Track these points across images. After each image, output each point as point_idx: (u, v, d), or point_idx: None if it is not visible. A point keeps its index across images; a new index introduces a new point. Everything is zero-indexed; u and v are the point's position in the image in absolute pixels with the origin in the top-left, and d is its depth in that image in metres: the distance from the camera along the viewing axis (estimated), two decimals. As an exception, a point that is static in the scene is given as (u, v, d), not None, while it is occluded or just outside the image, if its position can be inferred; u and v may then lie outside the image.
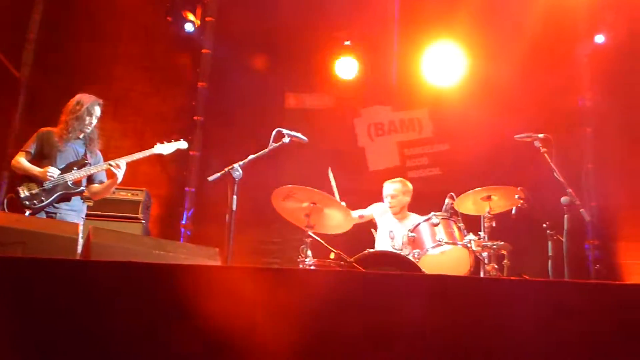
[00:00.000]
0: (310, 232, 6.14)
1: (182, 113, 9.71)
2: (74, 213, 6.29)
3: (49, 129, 6.42)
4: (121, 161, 6.35)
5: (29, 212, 6.05)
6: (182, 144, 6.94)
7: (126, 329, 3.20)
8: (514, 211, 6.64)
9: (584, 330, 3.27)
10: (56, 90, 8.32)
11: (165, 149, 6.81)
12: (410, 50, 9.99)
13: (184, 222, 9.70)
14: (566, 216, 6.19)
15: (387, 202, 7.55)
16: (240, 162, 5.97)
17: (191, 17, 9.91)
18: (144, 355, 3.18)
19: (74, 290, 3.26)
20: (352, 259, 5.76)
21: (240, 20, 9.49)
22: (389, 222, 7.50)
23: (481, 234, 6.52)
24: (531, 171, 7.28)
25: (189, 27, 9.95)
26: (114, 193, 8.19)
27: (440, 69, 9.77)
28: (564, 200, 6.18)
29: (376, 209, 7.65)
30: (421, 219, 6.70)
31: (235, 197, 5.82)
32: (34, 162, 6.27)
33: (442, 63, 9.75)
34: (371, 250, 7.10)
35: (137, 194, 8.35)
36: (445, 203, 6.78)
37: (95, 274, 3.37)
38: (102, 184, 6.54)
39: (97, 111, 6.51)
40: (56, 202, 6.20)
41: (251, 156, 6.13)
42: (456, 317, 3.31)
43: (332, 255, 5.94)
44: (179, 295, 3.27)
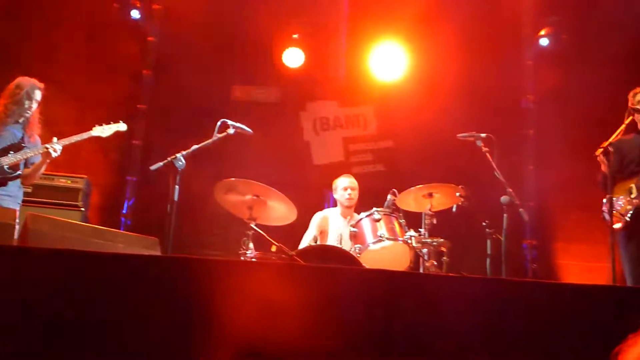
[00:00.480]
0: (253, 225, 6.12)
1: (125, 101, 9.56)
2: (9, 198, 6.15)
3: (-14, 113, 6.28)
4: (57, 145, 6.22)
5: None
6: (122, 126, 6.83)
7: (60, 317, 3.16)
8: (454, 209, 6.72)
9: (519, 327, 3.33)
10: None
11: (103, 131, 6.70)
12: (358, 47, 10.01)
13: (124, 211, 9.58)
14: (505, 215, 6.29)
15: (346, 194, 7.50)
16: (184, 152, 5.93)
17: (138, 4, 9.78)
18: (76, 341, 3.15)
19: (10, 277, 3.21)
20: (293, 252, 5.76)
21: (188, 9, 9.37)
22: (335, 226, 7.49)
23: (422, 231, 6.58)
24: (473, 170, 7.38)
25: (135, 14, 9.81)
26: (53, 180, 8.07)
27: (387, 67, 9.82)
28: (503, 199, 6.27)
29: (319, 220, 7.60)
30: (363, 215, 6.74)
31: (177, 187, 5.77)
32: (-28, 147, 6.13)
33: (388, 61, 9.80)
34: (313, 244, 7.14)
35: (77, 182, 8.21)
36: (388, 199, 6.83)
37: (32, 261, 3.32)
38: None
39: (37, 95, 6.38)
40: (-9, 187, 6.07)
41: (195, 146, 6.09)
42: (395, 311, 3.34)
43: (273, 248, 5.93)
44: (116, 285, 3.24)
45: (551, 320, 3.32)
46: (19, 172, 6.24)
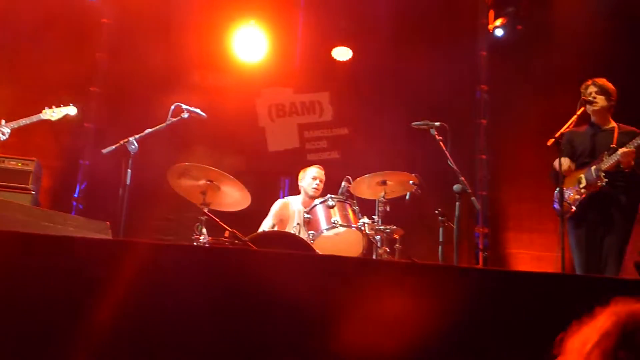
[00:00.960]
0: (206, 210, 6.08)
1: (78, 83, 9.41)
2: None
3: None
4: (5, 128, 6.12)
5: None
6: (71, 110, 6.75)
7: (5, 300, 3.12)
8: (408, 197, 6.77)
9: (468, 314, 3.36)
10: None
11: (53, 114, 6.61)
12: (314, 34, 10.00)
13: (76, 195, 9.45)
14: (458, 204, 6.34)
15: (314, 184, 7.43)
16: (137, 136, 5.87)
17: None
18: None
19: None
20: (246, 237, 5.74)
21: (144, -9, 9.29)
22: (296, 214, 7.47)
23: (375, 218, 6.61)
24: (426, 158, 7.44)
25: (89, -4, 9.67)
26: (3, 162, 7.93)
27: (343, 54, 9.83)
28: (456, 188, 6.32)
29: (279, 208, 7.55)
30: (317, 201, 6.75)
31: (129, 171, 5.72)
32: None
33: (344, 48, 9.81)
34: (266, 229, 7.13)
35: (27, 164, 8.07)
36: (342, 186, 6.86)
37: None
38: None
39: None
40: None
41: (148, 130, 6.04)
42: (346, 297, 3.36)
43: (226, 234, 5.91)
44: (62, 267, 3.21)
45: (500, 307, 3.36)
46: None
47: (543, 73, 9.28)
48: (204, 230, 6.03)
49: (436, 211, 6.61)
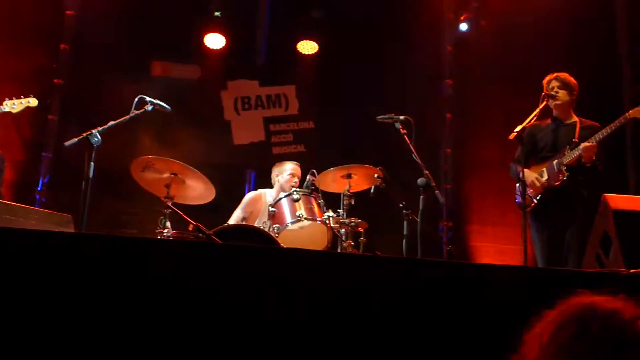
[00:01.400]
0: (170, 204, 6.05)
1: (41, 75, 9.31)
2: None
3: None
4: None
5: None
6: (32, 102, 6.65)
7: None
8: (372, 190, 6.79)
9: (432, 306, 3.39)
10: None
11: (14, 106, 6.52)
12: (281, 27, 9.98)
13: (39, 188, 9.34)
14: (422, 197, 6.37)
15: (293, 181, 7.36)
16: (100, 128, 5.80)
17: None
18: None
19: None
20: (210, 231, 5.72)
21: (109, -18, 9.20)
22: (267, 208, 7.44)
23: (340, 211, 6.62)
24: (391, 152, 7.47)
25: (54, -14, 9.55)
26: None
27: (308, 48, 9.83)
28: (420, 181, 6.34)
29: (250, 200, 7.50)
30: (282, 195, 6.75)
31: (92, 164, 5.65)
32: None
33: (310, 42, 9.81)
34: (235, 221, 7.11)
35: (-12, 157, 7.96)
36: (307, 180, 6.86)
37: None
38: None
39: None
40: None
41: (112, 123, 5.97)
42: (311, 290, 3.36)
43: (190, 227, 5.88)
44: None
45: (463, 300, 3.39)
46: None
47: (507, 68, 9.37)
48: (168, 224, 5.99)
49: (400, 205, 6.64)
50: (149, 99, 6.16)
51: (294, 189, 6.73)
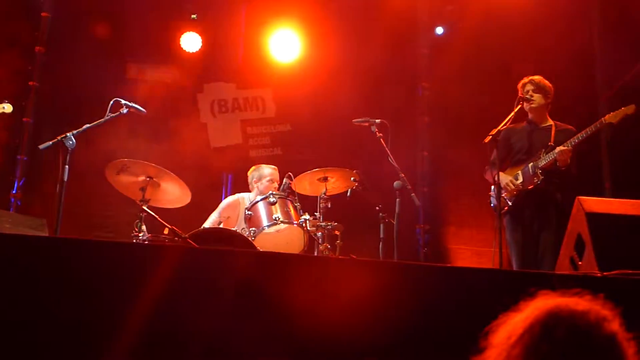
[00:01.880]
0: (145, 207, 6.02)
1: (17, 77, 9.22)
2: None
3: None
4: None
5: None
6: (7, 107, 6.60)
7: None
8: (349, 193, 6.81)
9: (408, 308, 3.40)
10: None
11: (-12, 112, 6.47)
12: (257, 29, 9.96)
13: (14, 191, 9.26)
14: (398, 200, 6.40)
15: (272, 188, 7.28)
16: (75, 131, 5.77)
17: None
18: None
19: None
20: (186, 235, 5.70)
21: (84, -16, 9.16)
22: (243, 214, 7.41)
23: (317, 214, 6.64)
24: (367, 155, 7.49)
25: (29, -12, 9.49)
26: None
27: (285, 50, 9.82)
28: (396, 184, 6.37)
29: (228, 205, 7.45)
30: (259, 198, 6.73)
31: (67, 167, 5.62)
32: None
33: (286, 44, 9.80)
34: (206, 226, 7.09)
35: (-37, 160, 7.91)
36: (284, 183, 6.86)
37: None
38: None
39: None
40: None
41: (87, 125, 5.94)
42: (287, 293, 3.36)
43: (166, 231, 5.86)
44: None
45: (435, 302, 3.40)
46: None
47: (482, 71, 9.41)
48: (144, 227, 5.97)
49: (377, 207, 6.66)
50: (124, 101, 6.13)
51: (270, 191, 6.72)
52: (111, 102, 6.08)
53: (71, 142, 5.63)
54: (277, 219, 6.46)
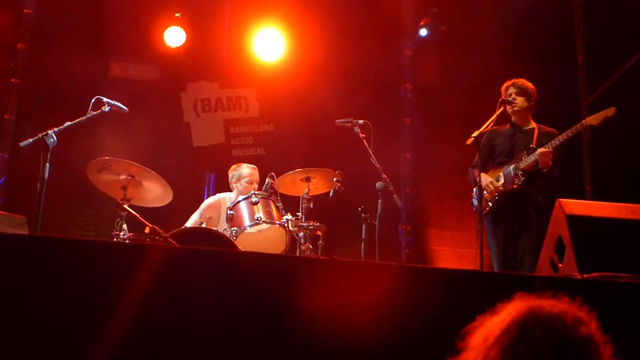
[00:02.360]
0: (126, 206, 5.99)
1: (-2, 74, 9.19)
2: None
3: None
4: None
5: None
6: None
7: None
8: (331, 193, 6.81)
9: (386, 309, 3.40)
10: None
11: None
12: (241, 29, 9.94)
13: (-5, 189, 9.20)
14: (380, 201, 6.41)
15: (251, 189, 7.24)
16: (56, 129, 5.74)
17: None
18: None
19: None
20: (167, 234, 5.68)
21: (67, -19, 9.09)
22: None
23: (299, 215, 6.63)
24: (350, 155, 7.49)
25: (10, -16, 9.41)
26: None
27: (269, 49, 9.81)
28: (378, 185, 6.39)
29: (208, 206, 7.40)
30: (241, 197, 6.72)
31: (48, 165, 5.59)
32: None
33: (270, 43, 9.79)
34: (188, 226, 7.06)
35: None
36: (266, 182, 6.85)
37: None
38: None
39: None
40: None
41: (68, 123, 5.92)
42: (266, 293, 3.36)
43: (147, 230, 5.83)
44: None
45: (415, 304, 3.41)
46: None
47: (466, 73, 9.44)
48: (125, 226, 5.95)
49: (359, 208, 6.67)
50: (106, 99, 6.11)
51: (252, 191, 6.71)
52: (93, 100, 6.05)
53: (52, 140, 5.61)
54: (259, 218, 6.46)
